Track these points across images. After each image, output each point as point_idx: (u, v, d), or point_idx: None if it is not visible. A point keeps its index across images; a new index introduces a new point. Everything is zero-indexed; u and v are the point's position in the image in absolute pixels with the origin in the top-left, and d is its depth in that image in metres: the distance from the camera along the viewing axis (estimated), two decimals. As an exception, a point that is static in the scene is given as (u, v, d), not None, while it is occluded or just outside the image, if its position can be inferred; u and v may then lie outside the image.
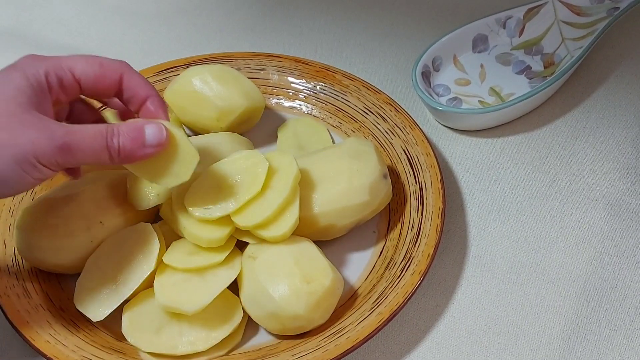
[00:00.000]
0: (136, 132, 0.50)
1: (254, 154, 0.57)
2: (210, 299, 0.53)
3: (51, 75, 0.50)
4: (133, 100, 0.54)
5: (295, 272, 0.53)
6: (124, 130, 0.50)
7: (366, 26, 0.80)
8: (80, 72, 0.52)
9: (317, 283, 0.53)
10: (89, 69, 0.52)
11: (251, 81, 0.67)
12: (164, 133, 0.51)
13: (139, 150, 0.50)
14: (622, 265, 0.60)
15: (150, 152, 0.51)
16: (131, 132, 0.50)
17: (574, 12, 0.74)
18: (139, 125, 0.51)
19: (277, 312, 0.53)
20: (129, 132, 0.50)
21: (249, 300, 0.54)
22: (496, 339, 0.56)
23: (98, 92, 0.53)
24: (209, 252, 0.55)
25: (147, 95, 0.54)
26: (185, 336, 0.54)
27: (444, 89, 0.71)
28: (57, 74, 0.51)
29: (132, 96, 0.54)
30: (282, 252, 0.54)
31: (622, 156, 0.67)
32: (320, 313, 0.54)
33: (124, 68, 0.54)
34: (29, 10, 0.83)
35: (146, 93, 0.54)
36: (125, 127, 0.50)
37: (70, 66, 0.51)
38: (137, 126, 0.51)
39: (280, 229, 0.55)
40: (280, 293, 0.53)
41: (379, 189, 0.59)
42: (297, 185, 0.56)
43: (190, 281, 0.54)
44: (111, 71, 0.53)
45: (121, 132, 0.50)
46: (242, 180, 0.56)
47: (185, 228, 0.55)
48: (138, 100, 0.54)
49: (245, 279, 0.55)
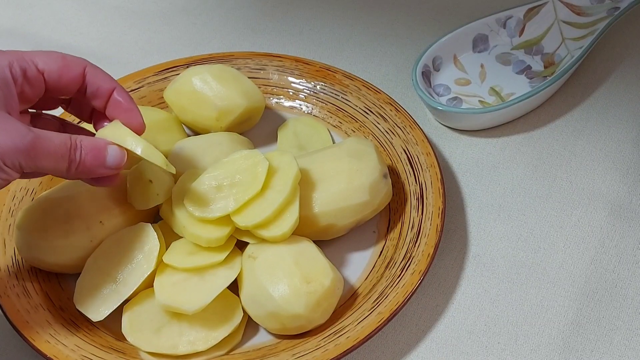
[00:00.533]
0: (97, 150, 0.51)
1: (254, 154, 0.57)
2: (210, 299, 0.53)
3: (14, 67, 0.50)
4: (99, 93, 0.54)
5: (295, 272, 0.53)
6: (86, 145, 0.50)
7: (366, 26, 0.80)
8: (44, 64, 0.52)
9: (317, 283, 0.53)
10: (52, 62, 0.52)
11: (251, 81, 0.67)
12: (124, 158, 0.52)
13: (97, 169, 0.51)
14: (622, 265, 0.60)
15: (107, 173, 0.51)
16: (93, 150, 0.50)
17: (574, 12, 0.74)
18: (101, 144, 0.51)
19: (277, 312, 0.53)
20: (91, 150, 0.50)
21: (249, 300, 0.54)
22: (496, 339, 0.56)
23: (62, 86, 0.53)
24: (209, 251, 0.55)
25: (112, 87, 0.54)
26: (185, 336, 0.54)
27: (444, 88, 0.71)
28: (21, 66, 0.50)
29: (97, 89, 0.53)
30: (282, 252, 0.54)
31: (622, 156, 0.67)
32: (320, 313, 0.54)
33: (86, 62, 0.54)
34: (29, 10, 0.83)
35: (111, 85, 0.54)
36: (88, 143, 0.50)
37: (32, 59, 0.51)
38: (99, 145, 0.51)
39: (281, 228, 0.55)
40: (280, 293, 0.53)
41: (378, 188, 0.59)
42: (297, 185, 0.56)
43: (190, 281, 0.54)
44: (74, 64, 0.53)
45: (84, 146, 0.50)
46: (242, 179, 0.56)
47: (185, 228, 0.55)
48: (103, 92, 0.54)
49: (245, 279, 0.55)
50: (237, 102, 0.64)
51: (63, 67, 0.52)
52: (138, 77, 0.70)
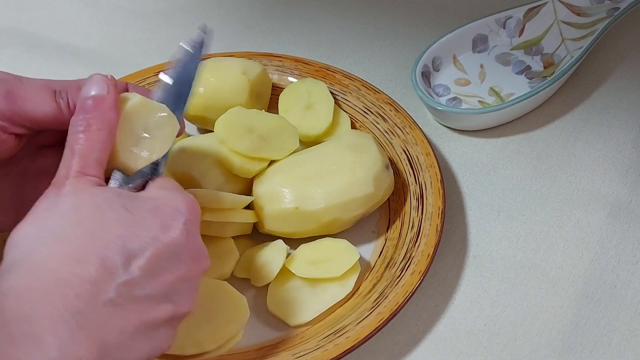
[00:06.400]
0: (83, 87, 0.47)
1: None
2: (314, 316, 0.56)
3: None
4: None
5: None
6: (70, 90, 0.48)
7: (366, 26, 0.80)
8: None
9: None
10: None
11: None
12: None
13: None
14: (621, 265, 0.60)
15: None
16: (78, 89, 0.47)
17: (574, 12, 0.74)
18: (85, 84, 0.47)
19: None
20: (76, 89, 0.48)
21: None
22: (495, 339, 0.56)
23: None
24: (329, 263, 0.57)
25: (122, 87, 0.50)
26: (191, 336, 0.54)
27: (444, 89, 0.71)
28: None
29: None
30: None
31: (622, 156, 0.67)
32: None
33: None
34: (29, 10, 0.83)
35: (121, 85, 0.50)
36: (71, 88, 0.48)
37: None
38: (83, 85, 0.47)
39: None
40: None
41: (382, 179, 0.59)
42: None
43: (302, 291, 0.56)
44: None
45: (69, 91, 0.47)
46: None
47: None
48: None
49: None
50: (255, 64, 0.67)
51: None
52: (138, 77, 0.70)
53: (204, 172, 0.59)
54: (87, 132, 0.45)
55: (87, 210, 0.42)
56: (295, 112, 0.66)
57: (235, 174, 0.60)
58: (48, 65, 0.76)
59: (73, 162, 0.44)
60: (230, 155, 0.59)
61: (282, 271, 0.57)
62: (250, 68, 0.66)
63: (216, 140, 0.61)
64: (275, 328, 0.56)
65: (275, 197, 0.58)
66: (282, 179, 0.58)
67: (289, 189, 0.58)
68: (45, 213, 0.42)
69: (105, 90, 0.46)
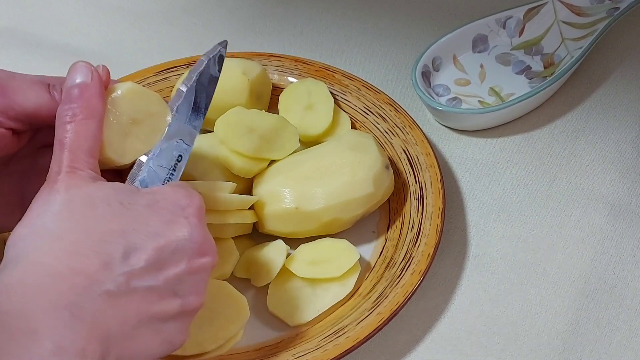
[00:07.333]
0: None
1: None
2: (314, 315, 0.56)
3: None
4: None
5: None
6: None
7: (366, 26, 0.80)
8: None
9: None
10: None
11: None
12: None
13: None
14: (621, 265, 0.60)
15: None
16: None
17: (574, 12, 0.74)
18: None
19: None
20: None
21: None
22: (496, 339, 0.56)
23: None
24: (328, 264, 0.57)
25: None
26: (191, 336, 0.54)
27: (444, 89, 0.71)
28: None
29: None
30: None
31: (622, 156, 0.67)
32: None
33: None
34: (29, 10, 0.83)
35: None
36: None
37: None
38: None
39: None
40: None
41: (382, 179, 0.59)
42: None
43: (302, 291, 0.56)
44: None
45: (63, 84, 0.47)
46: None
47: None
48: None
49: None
50: (255, 64, 0.67)
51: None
52: (138, 77, 0.70)
53: (204, 172, 0.60)
54: (74, 122, 0.45)
55: (80, 206, 0.42)
56: (295, 112, 0.66)
57: (235, 174, 0.60)
58: (48, 65, 0.76)
59: (63, 157, 0.44)
60: (230, 156, 0.59)
61: (282, 271, 0.57)
62: (250, 68, 0.66)
63: (216, 140, 0.60)
64: (275, 328, 0.56)
65: (276, 197, 0.58)
66: (282, 179, 0.58)
67: (289, 189, 0.58)
68: (39, 211, 0.42)
69: (89, 78, 0.46)
